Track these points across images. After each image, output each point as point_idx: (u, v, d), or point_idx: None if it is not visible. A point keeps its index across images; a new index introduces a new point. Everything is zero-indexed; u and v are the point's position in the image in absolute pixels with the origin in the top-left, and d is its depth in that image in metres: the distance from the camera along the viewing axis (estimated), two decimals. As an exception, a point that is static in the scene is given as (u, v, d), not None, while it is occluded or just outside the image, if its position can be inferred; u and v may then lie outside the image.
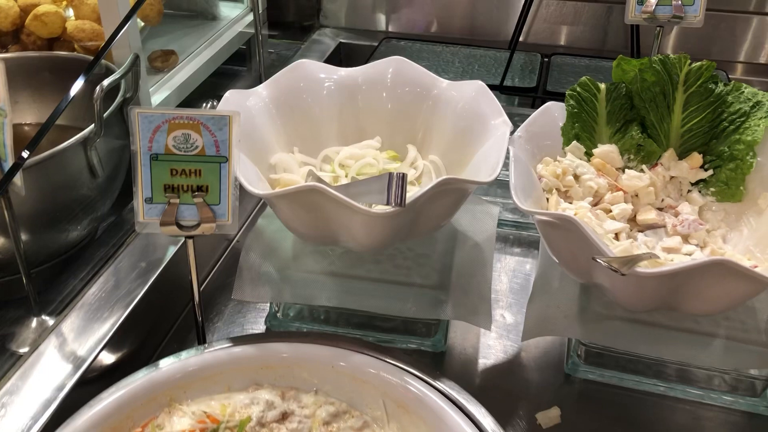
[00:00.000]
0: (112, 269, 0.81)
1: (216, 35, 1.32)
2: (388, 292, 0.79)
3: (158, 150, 0.63)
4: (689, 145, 0.86)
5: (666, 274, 0.62)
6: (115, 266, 0.82)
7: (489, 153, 0.79)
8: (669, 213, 0.83)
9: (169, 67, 1.17)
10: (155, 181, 0.64)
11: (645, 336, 0.74)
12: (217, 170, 0.65)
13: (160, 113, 0.61)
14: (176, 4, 1.36)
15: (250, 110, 0.87)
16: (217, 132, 0.63)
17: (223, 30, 1.35)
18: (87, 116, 0.91)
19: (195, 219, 0.67)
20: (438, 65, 1.31)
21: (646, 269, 0.60)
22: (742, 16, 1.36)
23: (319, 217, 0.73)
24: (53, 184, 0.80)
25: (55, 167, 0.79)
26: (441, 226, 0.81)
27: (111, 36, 0.75)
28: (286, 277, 0.80)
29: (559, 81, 1.26)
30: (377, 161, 0.90)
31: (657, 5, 0.90)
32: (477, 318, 0.76)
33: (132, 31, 1.01)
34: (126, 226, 0.92)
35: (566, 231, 0.68)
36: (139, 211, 0.65)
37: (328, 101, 0.93)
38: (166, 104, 1.11)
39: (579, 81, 0.87)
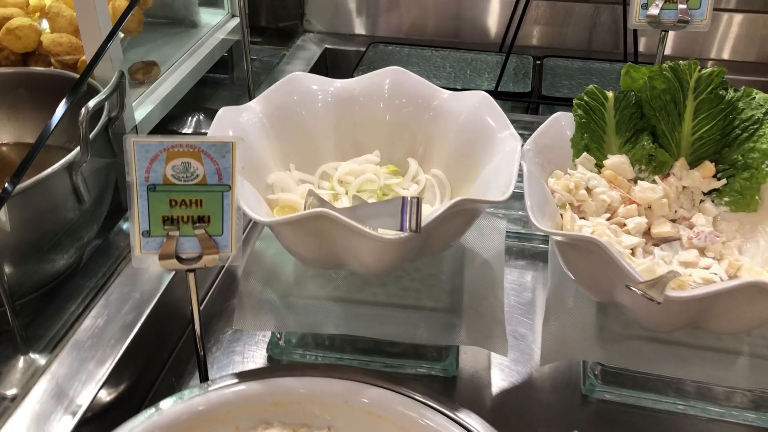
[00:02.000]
0: (104, 301, 0.77)
1: (198, 44, 1.27)
2: (397, 318, 0.75)
3: (156, 180, 0.59)
4: (700, 154, 0.83)
5: (699, 298, 0.59)
6: (106, 298, 0.77)
7: (499, 169, 0.75)
8: (683, 225, 0.81)
9: (151, 80, 1.12)
10: (153, 214, 0.60)
11: (667, 356, 0.72)
12: (220, 199, 0.61)
13: (157, 142, 0.57)
14: (154, 12, 1.30)
15: (243, 127, 0.83)
16: (220, 159, 0.59)
17: (205, 38, 1.30)
18: (68, 134, 0.86)
19: (196, 251, 0.62)
20: (429, 70, 1.27)
21: (681, 293, 0.58)
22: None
23: (325, 242, 0.69)
24: (37, 212, 0.75)
25: (39, 195, 0.74)
26: (451, 246, 0.78)
27: (96, 54, 0.70)
28: (290, 304, 0.76)
29: (554, 85, 1.23)
30: (378, 177, 0.86)
31: (662, 9, 0.87)
32: (492, 343, 0.73)
33: (113, 43, 0.96)
34: (114, 250, 0.87)
35: (588, 252, 0.65)
36: (136, 245, 0.61)
37: (323, 115, 0.89)
38: (150, 119, 1.06)
39: (586, 89, 0.84)
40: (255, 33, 1.45)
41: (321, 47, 1.44)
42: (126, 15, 0.73)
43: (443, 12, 1.47)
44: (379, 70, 0.91)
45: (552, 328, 0.76)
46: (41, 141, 0.61)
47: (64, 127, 0.84)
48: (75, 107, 0.75)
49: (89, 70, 0.69)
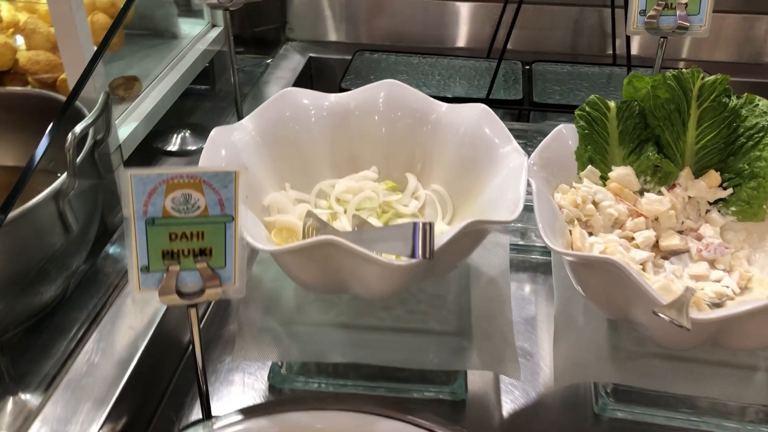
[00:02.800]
0: (97, 335, 0.73)
1: (179, 56, 1.23)
2: (405, 343, 0.73)
3: (155, 214, 0.55)
4: (704, 163, 0.82)
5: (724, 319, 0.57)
6: (99, 331, 0.73)
7: (505, 186, 0.73)
8: (690, 236, 0.79)
9: (133, 96, 1.08)
10: (152, 248, 0.57)
11: (683, 373, 0.70)
12: (222, 231, 0.58)
13: (156, 174, 0.54)
14: (132, 24, 1.26)
15: (235, 146, 0.80)
16: (222, 190, 0.56)
17: (186, 49, 1.26)
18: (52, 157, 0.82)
19: (198, 285, 0.59)
20: (418, 78, 1.25)
21: (709, 315, 0.56)
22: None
23: (330, 268, 0.67)
24: (22, 243, 0.71)
25: (25, 225, 0.70)
26: (457, 266, 0.75)
27: (82, 75, 0.66)
28: (293, 332, 0.73)
29: (545, 91, 1.21)
30: (377, 194, 0.84)
31: (661, 15, 0.86)
32: (504, 367, 0.71)
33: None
34: (103, 277, 0.84)
35: (604, 272, 0.63)
36: (134, 281, 0.57)
37: (318, 131, 0.86)
38: (134, 137, 1.02)
39: (587, 100, 0.82)
40: (236, 42, 1.40)
41: (305, 56, 1.41)
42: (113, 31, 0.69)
43: (427, 18, 1.45)
44: (374, 84, 0.88)
45: (563, 348, 0.74)
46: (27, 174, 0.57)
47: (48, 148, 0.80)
48: (60, 131, 0.72)
49: (76, 93, 0.66)
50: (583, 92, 1.21)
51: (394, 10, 1.44)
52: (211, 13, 1.36)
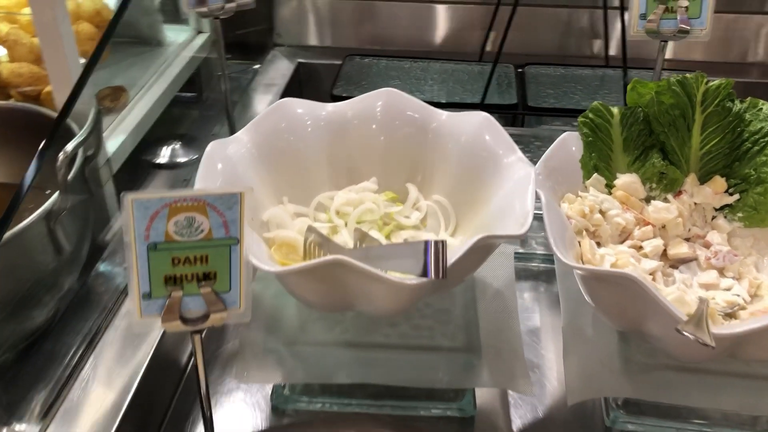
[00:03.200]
0: (93, 361, 0.70)
1: (165, 64, 1.20)
2: (413, 361, 0.71)
3: (157, 238, 0.53)
4: (709, 169, 0.81)
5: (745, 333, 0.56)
6: (95, 356, 0.71)
7: (511, 198, 0.71)
8: (697, 243, 0.78)
9: (121, 106, 1.05)
10: (154, 274, 0.54)
11: (697, 385, 0.69)
12: (227, 253, 0.55)
13: (158, 198, 0.51)
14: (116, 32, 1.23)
15: (231, 159, 0.77)
16: (227, 211, 0.53)
17: (171, 57, 1.23)
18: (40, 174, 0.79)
19: (202, 310, 0.57)
20: (410, 83, 1.23)
21: (732, 330, 0.55)
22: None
23: (336, 287, 0.65)
24: (12, 266, 0.68)
25: (15, 248, 0.67)
26: (464, 280, 0.73)
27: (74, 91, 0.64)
28: (296, 353, 0.71)
29: (539, 95, 1.20)
30: (377, 206, 0.82)
31: (662, 19, 0.84)
32: (516, 383, 0.69)
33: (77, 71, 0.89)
34: (95, 298, 0.81)
35: (618, 286, 0.62)
36: (136, 308, 0.55)
37: (316, 142, 0.84)
38: (123, 150, 0.99)
39: (591, 107, 0.81)
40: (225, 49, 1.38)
41: (294, 62, 1.38)
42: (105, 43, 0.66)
43: (414, 21, 1.43)
44: (371, 93, 0.86)
45: (574, 363, 0.72)
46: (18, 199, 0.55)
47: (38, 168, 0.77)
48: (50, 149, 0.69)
49: (67, 110, 0.63)
50: (578, 95, 1.19)
51: (381, 13, 1.42)
52: (196, 19, 1.33)
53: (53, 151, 0.68)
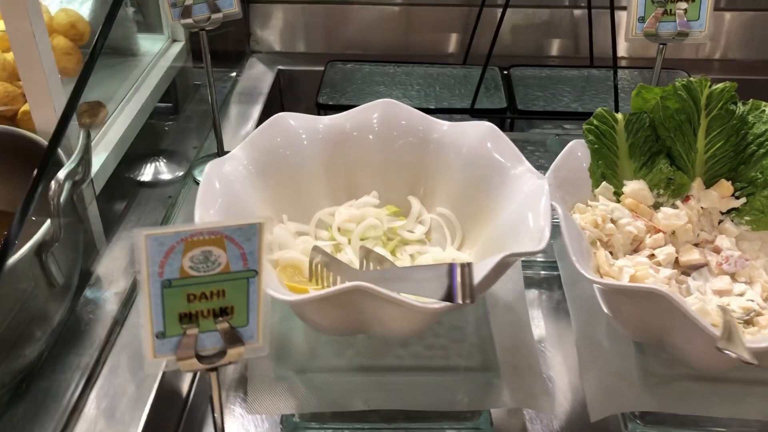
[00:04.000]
0: (94, 398, 0.66)
1: (142, 75, 1.15)
2: (431, 383, 0.68)
3: (171, 275, 0.50)
4: (714, 172, 0.80)
5: (779, 348, 0.55)
6: (96, 393, 0.67)
7: (524, 212, 0.69)
8: (707, 248, 0.78)
9: (99, 122, 1.00)
10: (168, 312, 0.51)
11: (719, 395, 0.68)
12: (245, 287, 0.52)
13: (173, 233, 0.48)
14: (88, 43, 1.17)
15: (228, 178, 0.74)
16: (245, 243, 0.50)
17: (148, 68, 1.18)
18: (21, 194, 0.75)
19: (218, 346, 0.53)
20: (396, 89, 1.20)
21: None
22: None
23: (353, 312, 0.62)
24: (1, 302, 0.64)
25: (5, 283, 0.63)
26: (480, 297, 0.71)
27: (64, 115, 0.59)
28: (309, 380, 0.68)
29: (527, 97, 1.18)
30: (380, 221, 0.79)
31: (660, 22, 0.83)
32: (538, 401, 0.68)
33: (56, 88, 0.85)
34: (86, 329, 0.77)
35: (648, 301, 0.60)
36: (148, 349, 0.51)
37: (313, 157, 0.81)
38: (105, 169, 0.95)
39: (595, 113, 0.79)
40: (198, 57, 1.33)
41: (273, 69, 1.35)
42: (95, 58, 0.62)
43: (395, 25, 1.40)
44: (369, 104, 0.83)
45: (592, 377, 0.71)
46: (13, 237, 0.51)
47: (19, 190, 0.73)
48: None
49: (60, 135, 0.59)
50: (566, 97, 1.18)
51: (360, 17, 1.39)
52: (170, 27, 1.28)
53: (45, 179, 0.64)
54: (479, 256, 0.75)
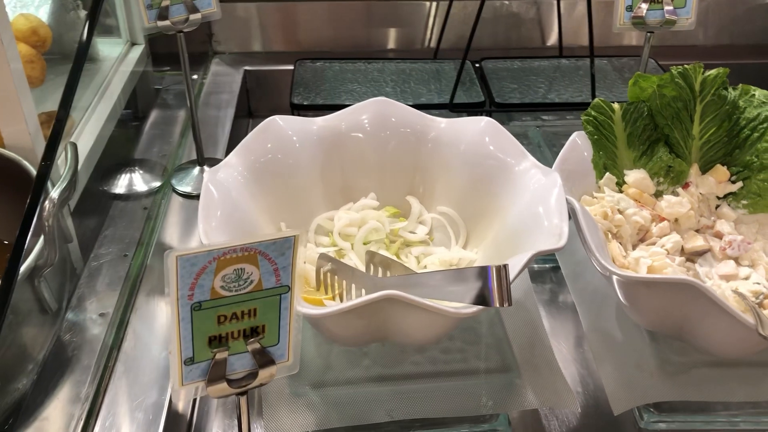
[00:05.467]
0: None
1: (106, 81, 1.10)
2: (452, 388, 0.67)
3: (202, 297, 0.46)
4: (709, 158, 0.81)
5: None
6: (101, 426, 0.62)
7: (534, 208, 0.68)
8: (707, 233, 0.78)
9: (66, 134, 0.94)
10: (197, 336, 0.47)
11: (737, 379, 0.69)
12: (277, 304, 0.49)
13: (205, 252, 0.44)
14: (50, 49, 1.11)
15: (226, 187, 0.70)
16: (279, 258, 0.47)
17: (111, 73, 1.12)
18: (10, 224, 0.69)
19: (248, 368, 0.50)
20: (371, 86, 1.18)
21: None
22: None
23: (375, 321, 0.59)
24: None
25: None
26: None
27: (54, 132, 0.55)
28: (327, 394, 0.65)
29: (503, 90, 1.17)
30: (382, 224, 0.77)
31: (648, 10, 0.83)
32: (561, 399, 0.66)
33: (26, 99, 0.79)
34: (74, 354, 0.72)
35: (673, 292, 0.60)
36: (176, 376, 0.48)
37: (308, 160, 0.78)
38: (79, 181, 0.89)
39: (592, 104, 0.79)
40: (160, 61, 1.28)
41: (239, 69, 1.30)
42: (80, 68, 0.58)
43: (358, 20, 1.38)
44: (362, 104, 0.81)
45: (610, 369, 0.70)
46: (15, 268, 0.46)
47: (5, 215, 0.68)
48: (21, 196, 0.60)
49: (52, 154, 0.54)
50: (542, 88, 1.18)
51: (323, 14, 1.35)
52: (128, 30, 1.22)
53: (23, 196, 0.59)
54: (488, 255, 0.74)
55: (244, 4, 1.31)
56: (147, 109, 1.23)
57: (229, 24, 1.32)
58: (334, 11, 1.36)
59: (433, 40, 1.38)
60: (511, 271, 0.57)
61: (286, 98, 1.14)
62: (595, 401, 0.77)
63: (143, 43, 1.23)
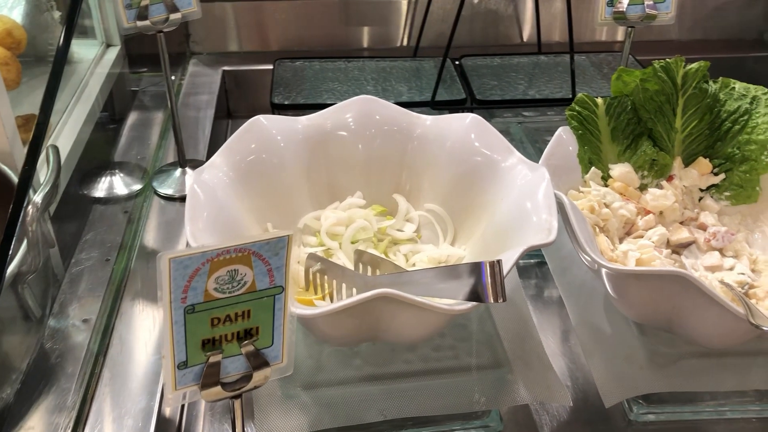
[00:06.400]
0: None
1: (82, 83, 1.08)
2: (446, 386, 0.66)
3: (195, 300, 0.45)
4: (691, 151, 0.81)
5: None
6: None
7: (522, 203, 0.68)
8: (691, 225, 0.79)
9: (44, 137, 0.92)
10: (191, 340, 0.47)
11: (725, 369, 0.69)
12: (271, 305, 0.48)
13: (199, 254, 0.44)
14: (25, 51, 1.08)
15: (207, 185, 0.69)
16: (272, 258, 0.47)
17: (87, 75, 1.10)
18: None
19: (242, 371, 0.50)
20: (351, 85, 1.17)
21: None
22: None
23: (367, 320, 0.59)
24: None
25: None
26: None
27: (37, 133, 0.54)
28: (319, 396, 0.65)
29: (484, 87, 1.18)
30: (370, 222, 0.76)
31: (629, 5, 0.84)
32: (553, 394, 0.67)
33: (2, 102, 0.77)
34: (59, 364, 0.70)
35: (663, 284, 0.60)
36: (170, 382, 0.47)
37: (293, 160, 0.77)
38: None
39: (576, 98, 0.79)
40: (137, 63, 1.26)
41: (217, 70, 1.29)
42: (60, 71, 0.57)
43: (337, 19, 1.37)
44: (346, 102, 0.80)
45: (600, 363, 0.70)
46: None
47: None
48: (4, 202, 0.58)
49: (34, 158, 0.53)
50: (522, 85, 1.19)
51: (301, 13, 1.35)
52: (104, 31, 1.20)
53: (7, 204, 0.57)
54: (476, 252, 0.74)
55: (221, 4, 1.30)
56: (125, 112, 1.22)
57: (207, 24, 1.31)
58: (312, 10, 1.35)
59: (413, 38, 1.37)
60: (504, 266, 0.57)
61: (265, 98, 1.13)
62: (585, 395, 0.77)
63: (119, 44, 1.21)
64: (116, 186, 0.98)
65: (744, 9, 1.43)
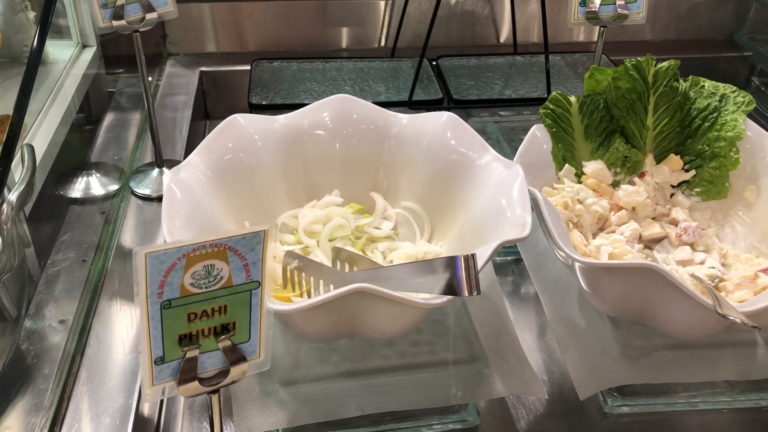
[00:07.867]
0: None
1: (58, 84, 1.07)
2: (423, 380, 0.67)
3: (171, 295, 0.46)
4: (663, 148, 0.83)
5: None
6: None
7: (497, 200, 0.69)
8: (663, 221, 0.80)
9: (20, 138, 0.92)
10: (168, 335, 0.47)
11: (695, 361, 0.71)
12: (247, 300, 0.49)
13: (175, 249, 0.44)
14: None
15: (189, 186, 0.69)
16: (248, 253, 0.47)
17: (63, 76, 1.10)
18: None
19: (219, 366, 0.50)
20: (329, 85, 1.18)
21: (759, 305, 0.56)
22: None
23: (345, 316, 0.60)
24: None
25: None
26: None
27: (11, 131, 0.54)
28: (297, 392, 0.65)
29: (461, 87, 1.19)
30: (347, 220, 0.77)
31: (600, 5, 0.86)
32: (529, 387, 0.68)
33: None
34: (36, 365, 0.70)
35: (635, 278, 0.61)
36: (147, 377, 0.47)
37: (270, 158, 0.78)
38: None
39: (550, 96, 0.80)
40: (113, 63, 1.26)
41: (194, 71, 1.28)
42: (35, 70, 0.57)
43: (314, 20, 1.37)
44: (323, 101, 0.81)
45: (574, 356, 0.71)
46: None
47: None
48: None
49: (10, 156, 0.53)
50: (498, 84, 1.20)
51: (278, 13, 1.35)
52: (79, 32, 1.20)
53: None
54: (453, 248, 0.74)
55: (198, 5, 1.30)
56: (101, 113, 1.21)
57: (183, 25, 1.31)
58: (289, 11, 1.35)
59: (390, 38, 1.38)
60: (479, 260, 0.58)
61: (243, 99, 1.14)
62: (560, 388, 0.78)
63: (95, 45, 1.21)
64: (93, 186, 0.97)
65: (715, 10, 1.46)
